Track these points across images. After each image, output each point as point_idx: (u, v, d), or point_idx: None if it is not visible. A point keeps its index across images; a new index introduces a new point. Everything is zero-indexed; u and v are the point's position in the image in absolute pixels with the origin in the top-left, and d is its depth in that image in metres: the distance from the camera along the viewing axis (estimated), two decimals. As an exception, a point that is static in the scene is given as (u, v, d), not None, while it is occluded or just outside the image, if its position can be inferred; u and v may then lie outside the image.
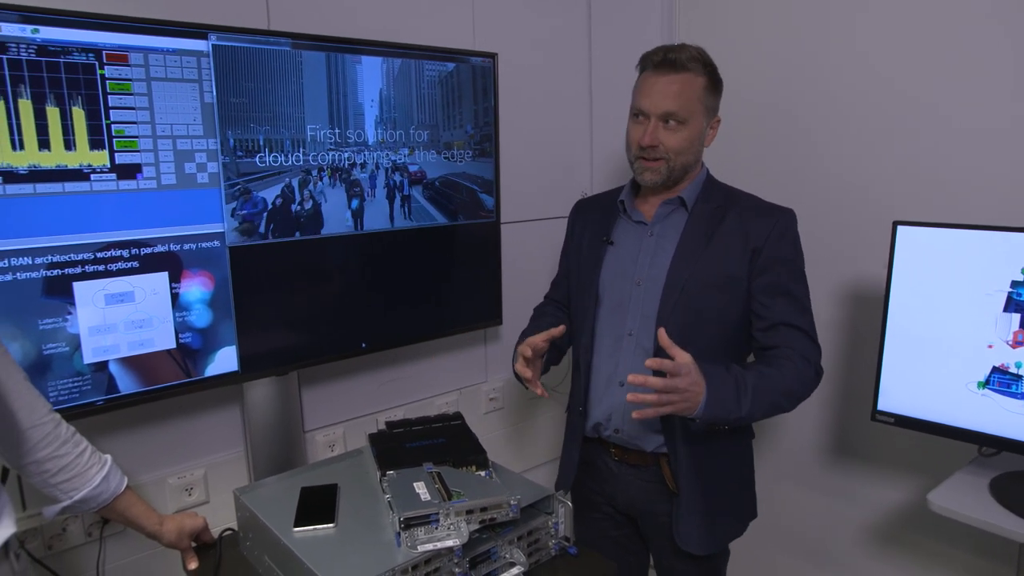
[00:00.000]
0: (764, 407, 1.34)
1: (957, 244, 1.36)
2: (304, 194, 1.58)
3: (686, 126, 1.40)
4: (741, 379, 1.31)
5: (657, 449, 1.47)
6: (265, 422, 1.66)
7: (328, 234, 1.63)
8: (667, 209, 1.48)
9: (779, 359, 1.37)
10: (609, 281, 1.51)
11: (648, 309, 1.44)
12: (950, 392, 1.37)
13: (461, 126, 1.86)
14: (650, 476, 1.51)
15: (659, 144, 1.40)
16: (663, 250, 1.46)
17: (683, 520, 1.46)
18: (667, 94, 1.39)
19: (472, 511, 1.23)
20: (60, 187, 1.28)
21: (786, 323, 1.39)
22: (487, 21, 2.05)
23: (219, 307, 1.49)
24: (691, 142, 1.42)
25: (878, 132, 1.77)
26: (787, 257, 1.41)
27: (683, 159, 1.43)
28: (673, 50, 1.40)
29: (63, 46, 1.25)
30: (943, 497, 1.32)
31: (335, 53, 1.59)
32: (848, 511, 1.96)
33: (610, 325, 1.51)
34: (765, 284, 1.40)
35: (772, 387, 1.34)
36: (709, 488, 1.46)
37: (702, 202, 1.46)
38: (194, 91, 1.41)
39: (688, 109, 1.39)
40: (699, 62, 1.41)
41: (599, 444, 1.56)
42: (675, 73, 1.39)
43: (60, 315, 1.30)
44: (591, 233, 1.58)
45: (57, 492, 1.15)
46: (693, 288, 1.40)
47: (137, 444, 1.56)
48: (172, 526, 1.31)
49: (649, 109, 1.40)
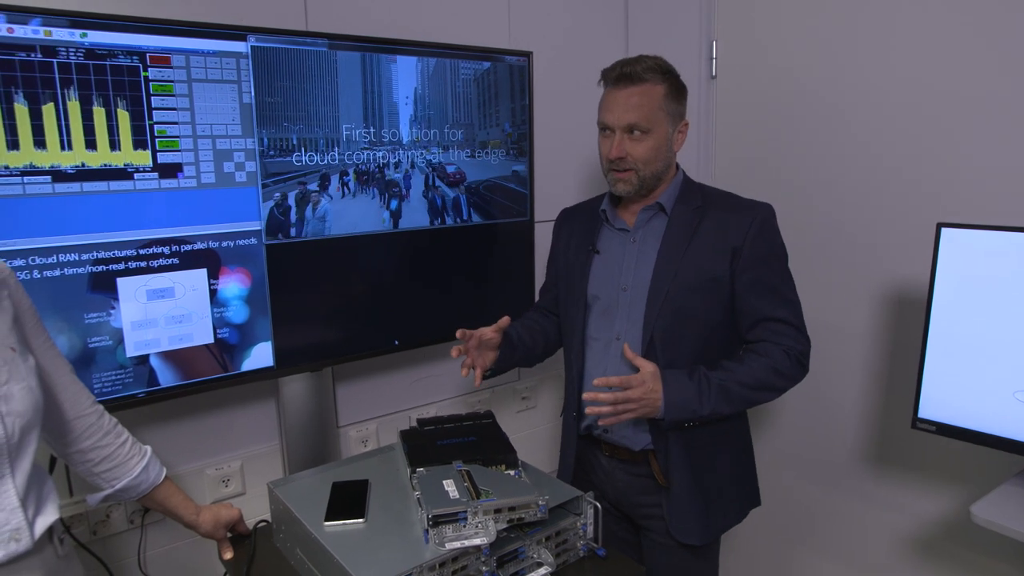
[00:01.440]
0: (733, 402, 1.42)
1: (1003, 247, 1.31)
2: (339, 192, 1.60)
3: (650, 135, 1.43)
4: (704, 379, 1.40)
5: (646, 447, 1.51)
6: (299, 417, 1.69)
7: (362, 232, 1.65)
8: (647, 215, 1.51)
9: (752, 354, 1.43)
10: (597, 289, 1.55)
11: (635, 314, 1.48)
12: (995, 400, 1.32)
13: (497, 125, 1.86)
14: (640, 471, 1.54)
15: (626, 155, 1.44)
16: (646, 255, 1.49)
17: (677, 512, 1.49)
18: (628, 107, 1.42)
19: (500, 510, 1.24)
20: (105, 186, 1.32)
21: (768, 318, 1.44)
22: (523, 20, 2.05)
23: (256, 303, 1.52)
24: (657, 150, 1.45)
25: (922, 131, 1.72)
26: (767, 253, 1.44)
27: (652, 167, 1.46)
28: (629, 63, 1.44)
29: (109, 49, 1.29)
30: (987, 509, 1.28)
31: (371, 53, 1.61)
32: (889, 520, 1.91)
33: (599, 330, 1.55)
34: (747, 282, 1.43)
35: (739, 383, 1.41)
36: (702, 479, 1.49)
37: (680, 204, 1.49)
38: (233, 92, 1.44)
39: (650, 119, 1.43)
40: (657, 71, 1.44)
41: (591, 441, 1.61)
42: (633, 85, 1.43)
43: (104, 309, 1.34)
44: (576, 242, 1.62)
45: (100, 481, 1.20)
46: (676, 291, 1.44)
47: (177, 436, 1.60)
48: (208, 516, 1.34)
49: (612, 123, 1.44)
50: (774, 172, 1.93)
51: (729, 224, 1.44)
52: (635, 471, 1.55)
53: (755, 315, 1.44)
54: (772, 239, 1.45)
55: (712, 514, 1.52)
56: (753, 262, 1.42)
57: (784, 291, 1.45)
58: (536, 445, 2.27)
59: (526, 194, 1.95)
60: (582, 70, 2.22)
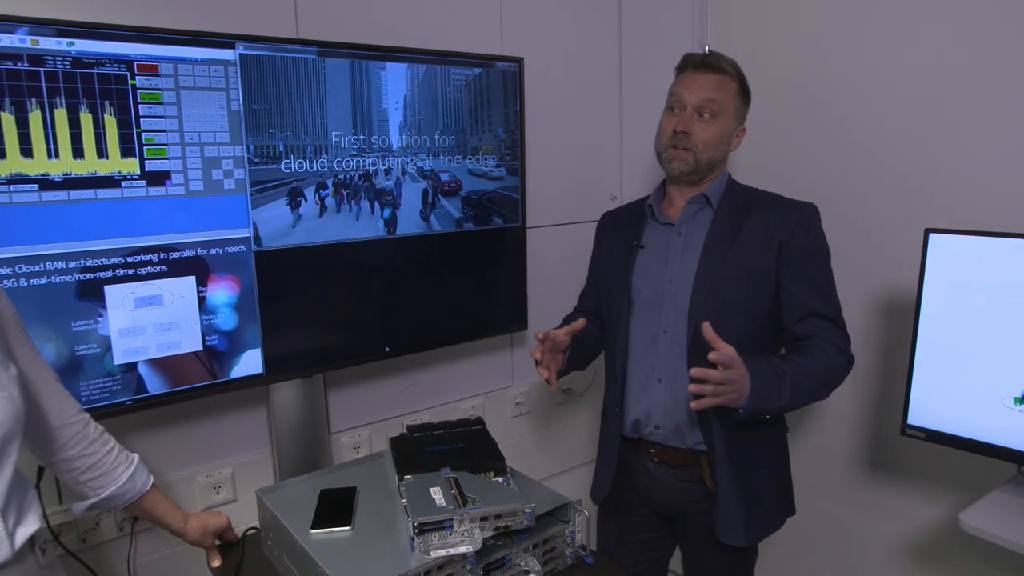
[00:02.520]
0: (802, 396, 1.39)
1: (992, 253, 1.30)
2: (327, 200, 1.60)
3: (718, 120, 1.47)
4: (780, 370, 1.36)
5: (696, 445, 1.49)
6: (290, 423, 1.69)
7: (352, 239, 1.65)
8: (693, 208, 1.52)
9: (813, 349, 1.41)
10: (641, 283, 1.54)
11: (681, 306, 1.47)
12: (984, 407, 1.32)
13: (490, 131, 1.86)
14: (689, 475, 1.53)
15: (692, 133, 1.46)
16: (691, 248, 1.49)
17: (724, 515, 1.48)
18: (706, 87, 1.47)
19: (486, 518, 1.23)
20: (93, 194, 1.32)
21: (817, 313, 1.43)
22: (515, 25, 2.05)
23: (245, 311, 1.52)
24: (720, 137, 1.48)
25: (911, 136, 1.72)
26: (813, 248, 1.45)
27: (710, 153, 1.48)
28: (712, 55, 1.50)
29: (96, 58, 1.30)
30: (976, 517, 1.27)
31: (360, 60, 1.61)
32: (879, 525, 1.90)
33: (644, 325, 1.53)
34: (794, 275, 1.43)
35: (809, 376, 1.38)
36: (747, 482, 1.48)
37: (726, 200, 1.51)
38: (221, 99, 1.44)
39: (722, 104, 1.47)
40: (735, 69, 1.50)
41: (637, 445, 1.58)
42: (714, 73, 1.48)
43: (92, 317, 1.35)
44: (621, 239, 1.62)
45: (85, 489, 1.20)
46: (722, 283, 1.44)
47: (167, 443, 1.60)
48: (196, 524, 1.34)
49: (687, 99, 1.47)
50: (765, 175, 1.92)
51: (775, 219, 1.45)
52: (684, 476, 1.53)
53: (803, 308, 1.43)
54: (818, 235, 1.46)
55: (755, 516, 1.51)
56: (800, 256, 1.43)
57: (828, 289, 1.45)
58: (530, 451, 2.27)
59: (518, 199, 1.95)
60: (576, 75, 2.23)
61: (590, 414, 2.42)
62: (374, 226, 1.68)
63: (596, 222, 1.74)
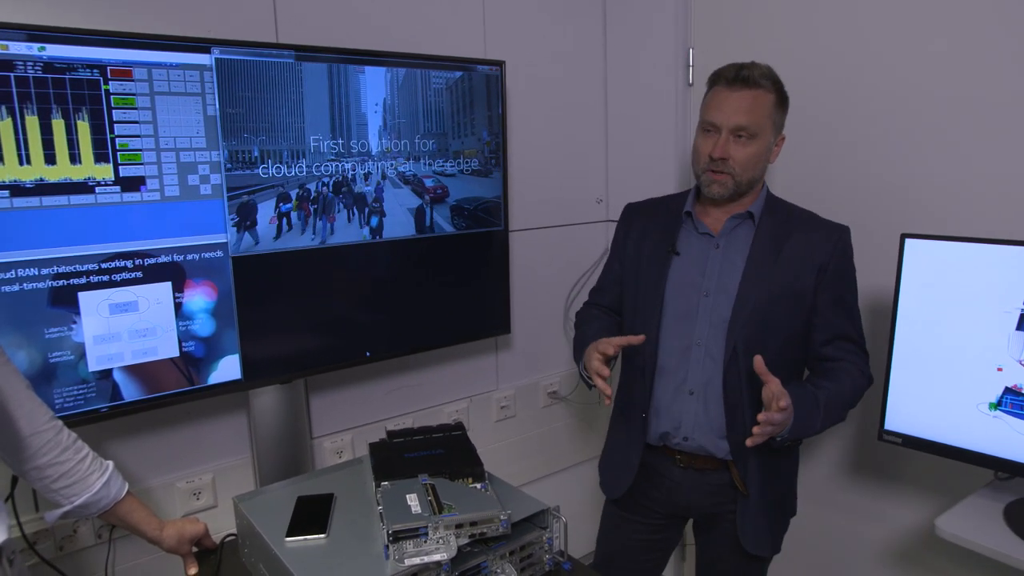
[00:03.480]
0: (831, 420, 1.42)
1: (968, 258, 1.31)
2: (306, 204, 1.59)
3: (755, 141, 1.43)
4: (815, 398, 1.38)
5: (726, 456, 1.50)
6: (271, 429, 1.68)
7: (330, 244, 1.64)
8: (734, 222, 1.50)
9: (842, 374, 1.43)
10: (675, 291, 1.52)
11: (716, 319, 1.46)
12: (960, 413, 1.32)
13: (472, 134, 1.86)
14: (718, 479, 1.53)
15: (729, 157, 1.42)
16: (731, 263, 1.48)
17: (751, 523, 1.49)
18: (740, 108, 1.41)
19: (462, 525, 1.23)
20: (66, 200, 1.31)
21: (845, 336, 1.45)
22: (498, 28, 2.05)
23: (222, 316, 1.51)
24: (759, 157, 1.45)
25: (889, 140, 1.72)
26: (848, 272, 1.47)
27: (749, 174, 1.45)
28: (746, 67, 1.43)
29: (68, 63, 1.29)
30: (952, 523, 1.27)
31: (339, 64, 1.60)
32: (860, 528, 1.90)
33: (676, 335, 1.51)
34: (830, 299, 1.45)
35: (839, 403, 1.42)
36: (769, 490, 1.50)
37: (767, 216, 1.49)
38: (197, 104, 1.43)
39: (758, 124, 1.42)
40: (769, 79, 1.44)
41: (663, 451, 1.57)
42: (747, 89, 1.42)
43: (65, 324, 1.34)
44: (653, 241, 1.58)
45: (58, 497, 1.19)
46: (763, 301, 1.43)
47: (147, 448, 1.59)
48: (172, 532, 1.33)
49: (721, 122, 1.43)
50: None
51: (816, 241, 1.45)
52: (712, 479, 1.53)
53: (833, 331, 1.45)
54: (850, 259, 1.48)
55: (776, 522, 1.53)
56: (836, 280, 1.44)
57: (855, 312, 1.48)
58: (516, 454, 2.26)
59: (499, 205, 1.94)
60: (560, 77, 2.22)
61: (576, 417, 2.42)
62: (355, 229, 1.67)
63: (582, 225, 1.72)
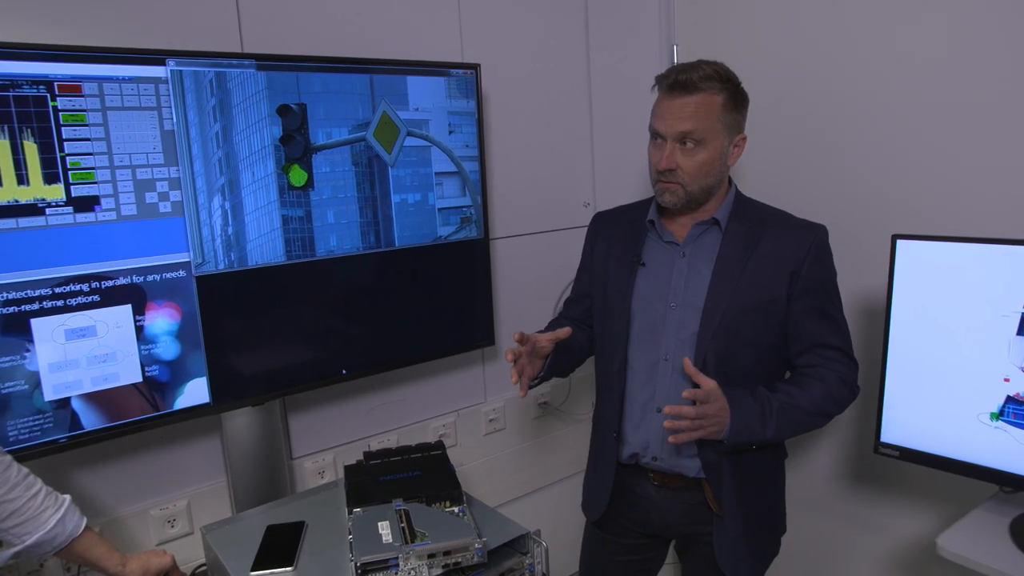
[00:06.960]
0: (792, 427, 1.37)
1: (963, 260, 1.23)
2: (274, 217, 1.54)
3: (704, 147, 1.34)
4: (767, 402, 1.33)
5: (698, 474, 1.43)
6: (245, 452, 1.62)
7: (299, 260, 1.58)
8: (700, 229, 1.42)
9: (811, 379, 1.37)
10: (641, 303, 1.45)
11: (684, 333, 1.40)
12: (959, 423, 1.25)
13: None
14: (692, 498, 1.46)
15: (676, 167, 1.35)
16: (697, 272, 1.40)
17: (729, 544, 1.43)
18: (682, 115, 1.32)
19: (434, 555, 1.17)
20: (14, 223, 1.25)
21: (822, 344, 1.38)
22: (476, 29, 1.98)
23: (187, 338, 1.45)
24: (710, 164, 1.35)
25: (877, 138, 1.66)
26: (824, 278, 1.39)
27: (701, 182, 1.36)
28: (685, 71, 1.32)
29: (12, 79, 1.23)
30: (954, 541, 1.20)
31: (304, 73, 1.54)
32: (860, 540, 1.84)
33: (643, 350, 1.45)
34: (804, 307, 1.37)
35: (799, 408, 1.35)
36: (748, 510, 1.44)
37: (735, 221, 1.41)
38: (153, 119, 1.37)
39: (704, 130, 1.32)
40: (715, 80, 1.32)
41: (636, 470, 1.51)
42: (688, 95, 1.32)
43: (18, 353, 1.28)
44: (618, 252, 1.52)
45: (9, 536, 1.13)
46: (733, 312, 1.36)
47: (116, 476, 1.54)
48: (136, 566, 1.27)
49: (664, 131, 1.35)
50: (732, 176, 1.87)
51: (787, 246, 1.37)
52: (687, 498, 1.47)
53: (810, 340, 1.38)
54: (827, 263, 1.40)
55: (755, 541, 1.46)
56: (810, 287, 1.36)
57: (836, 316, 1.40)
58: (506, 469, 2.20)
59: (478, 212, 1.88)
60: (543, 78, 2.16)
61: (567, 428, 2.35)
62: (326, 242, 1.61)
63: (569, 230, 1.65)
